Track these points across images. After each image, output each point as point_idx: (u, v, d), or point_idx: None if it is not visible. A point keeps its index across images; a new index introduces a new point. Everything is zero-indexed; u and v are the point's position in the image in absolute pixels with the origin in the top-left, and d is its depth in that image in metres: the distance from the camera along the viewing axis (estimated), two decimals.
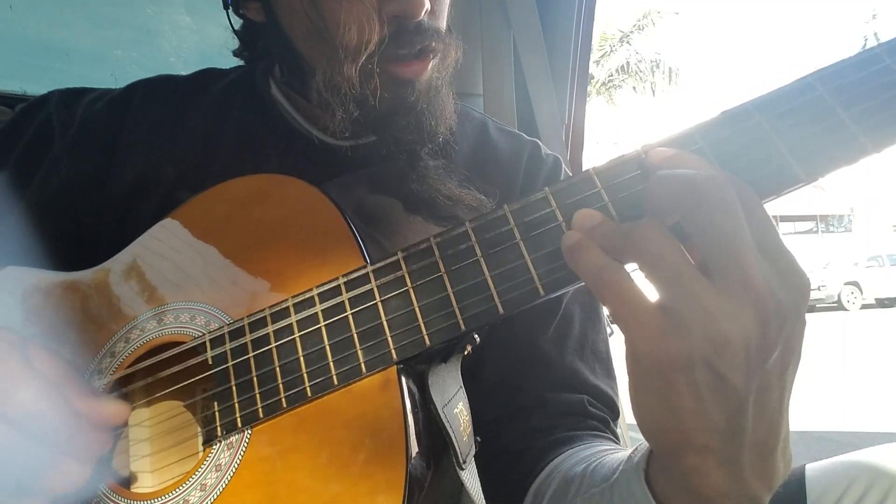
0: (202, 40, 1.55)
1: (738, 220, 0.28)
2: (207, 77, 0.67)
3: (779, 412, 0.30)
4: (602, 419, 0.58)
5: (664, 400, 0.29)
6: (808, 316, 0.30)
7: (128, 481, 0.43)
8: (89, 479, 0.37)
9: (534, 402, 0.57)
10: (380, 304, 0.38)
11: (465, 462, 0.41)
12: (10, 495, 0.35)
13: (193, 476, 0.39)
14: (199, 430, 0.43)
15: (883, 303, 13.05)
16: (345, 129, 0.54)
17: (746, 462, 0.30)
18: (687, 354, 0.28)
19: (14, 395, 0.34)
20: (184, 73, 0.68)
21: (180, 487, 0.39)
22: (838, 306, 12.98)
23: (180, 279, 0.45)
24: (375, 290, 0.38)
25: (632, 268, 0.32)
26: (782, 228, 24.15)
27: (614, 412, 0.60)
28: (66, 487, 0.36)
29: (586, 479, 0.45)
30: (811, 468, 0.49)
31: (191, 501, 0.38)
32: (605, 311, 0.58)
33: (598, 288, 0.31)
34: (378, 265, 0.39)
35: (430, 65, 0.53)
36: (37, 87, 1.33)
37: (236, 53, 0.70)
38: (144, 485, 0.43)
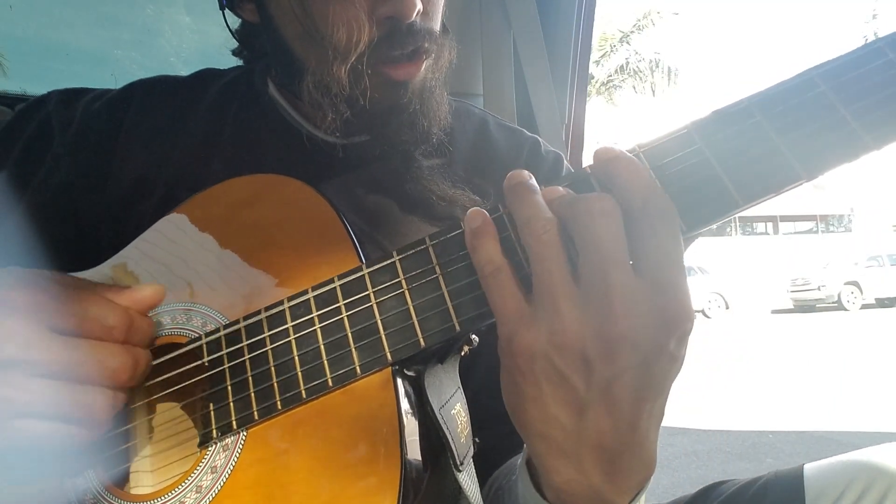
0: (202, 40, 1.55)
1: (615, 233, 0.30)
2: (206, 77, 0.67)
3: (631, 424, 0.31)
4: None
5: (513, 382, 0.33)
6: (808, 316, 0.30)
7: (125, 482, 0.43)
8: (147, 365, 0.39)
9: None
10: (375, 304, 0.38)
11: (462, 463, 0.41)
12: (97, 390, 0.36)
13: (189, 478, 0.39)
14: (196, 431, 0.43)
15: (883, 303, 13.05)
16: (336, 129, 0.54)
17: (588, 458, 0.32)
18: (530, 344, 0.31)
19: (65, 308, 0.36)
20: (184, 73, 0.68)
21: (176, 489, 0.39)
22: (838, 306, 12.98)
23: (177, 280, 0.45)
24: (371, 292, 0.38)
25: None
26: (782, 228, 24.17)
27: None
28: (139, 375, 0.38)
29: (514, 469, 0.48)
30: (809, 468, 0.49)
31: (187, 503, 0.38)
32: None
33: (482, 280, 0.34)
34: (373, 266, 0.39)
35: (424, 66, 0.53)
36: (37, 87, 1.33)
37: (235, 53, 0.70)
38: (142, 485, 0.43)
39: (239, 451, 0.39)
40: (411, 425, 0.38)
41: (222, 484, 0.38)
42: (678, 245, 0.30)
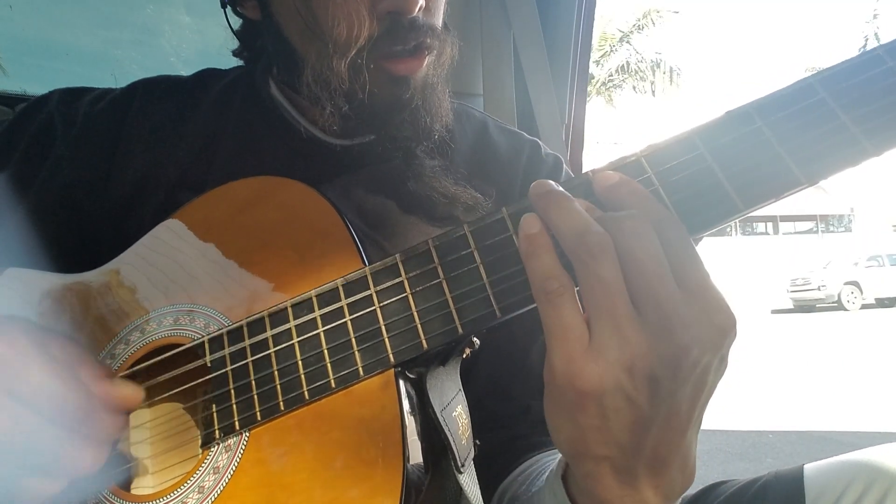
0: (202, 40, 1.55)
1: (652, 253, 0.29)
2: (207, 77, 0.67)
3: (682, 434, 0.31)
4: None
5: (572, 417, 0.31)
6: (808, 316, 0.30)
7: (128, 483, 0.43)
8: (107, 463, 0.37)
9: (518, 408, 0.58)
10: (378, 307, 0.38)
11: (463, 465, 0.41)
12: (27, 475, 0.35)
13: (192, 478, 0.39)
14: (198, 432, 0.44)
15: (883, 303, 13.05)
16: (334, 123, 0.54)
17: (643, 474, 0.31)
18: (600, 380, 0.29)
19: (28, 375, 0.35)
20: (184, 73, 0.68)
21: (178, 489, 0.39)
22: (838, 306, 12.98)
23: (180, 281, 0.45)
24: (374, 294, 0.38)
25: None
26: (782, 228, 24.17)
27: None
28: (84, 469, 0.36)
29: (532, 479, 0.47)
30: (809, 468, 0.49)
31: (189, 503, 0.38)
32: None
33: (539, 294, 0.31)
34: (377, 268, 0.39)
35: (426, 62, 0.53)
36: (37, 87, 1.33)
37: (236, 53, 0.70)
38: (144, 485, 0.43)
39: (241, 451, 0.39)
40: (413, 427, 0.38)
41: (225, 484, 0.38)
42: (699, 256, 0.30)
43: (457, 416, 0.42)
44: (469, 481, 0.42)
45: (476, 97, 1.27)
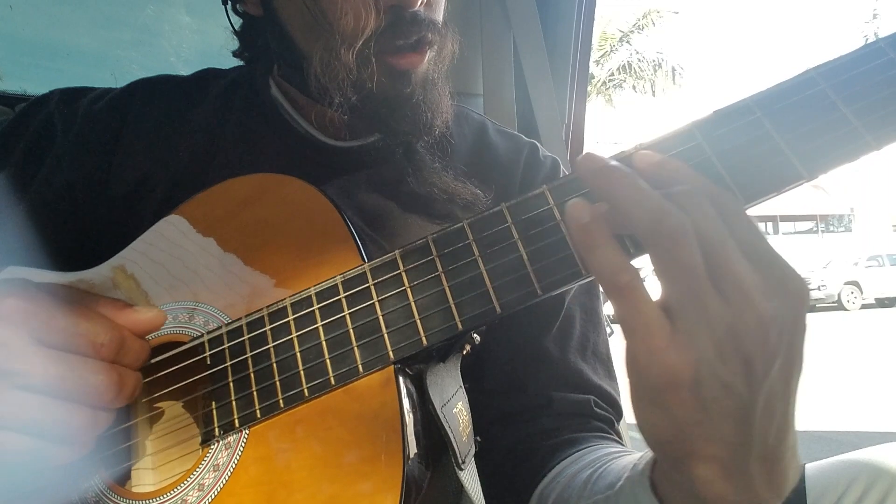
0: (202, 40, 1.55)
1: (723, 228, 0.28)
2: (207, 77, 0.67)
3: (786, 419, 0.29)
4: (607, 420, 0.58)
5: (669, 413, 0.29)
6: (808, 316, 0.30)
7: (128, 480, 0.43)
8: (135, 388, 0.39)
9: (539, 401, 0.57)
10: (377, 303, 0.38)
11: (464, 462, 0.41)
12: (80, 408, 0.35)
13: (191, 476, 0.39)
14: (198, 429, 0.44)
15: (883, 303, 13.05)
16: (331, 122, 0.54)
17: (755, 471, 0.29)
18: (692, 368, 0.27)
19: (54, 322, 0.35)
20: (184, 73, 0.68)
21: (178, 487, 0.39)
22: (838, 306, 12.97)
23: (180, 278, 0.45)
24: (372, 290, 0.38)
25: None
26: (782, 228, 24.17)
27: (618, 413, 0.60)
28: (127, 397, 0.37)
29: (591, 485, 0.45)
30: (811, 468, 0.49)
31: (189, 501, 0.38)
32: (608, 312, 0.57)
33: (611, 290, 0.29)
34: (375, 264, 0.39)
35: (427, 56, 0.54)
36: (37, 87, 1.33)
37: (236, 54, 0.70)
38: (144, 482, 0.43)
39: (241, 449, 0.39)
40: (413, 424, 0.38)
41: (224, 482, 0.38)
42: (759, 229, 0.29)
43: (457, 413, 0.42)
44: (470, 478, 0.42)
45: (476, 97, 1.27)
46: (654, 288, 0.29)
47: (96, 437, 0.37)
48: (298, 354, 0.39)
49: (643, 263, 0.33)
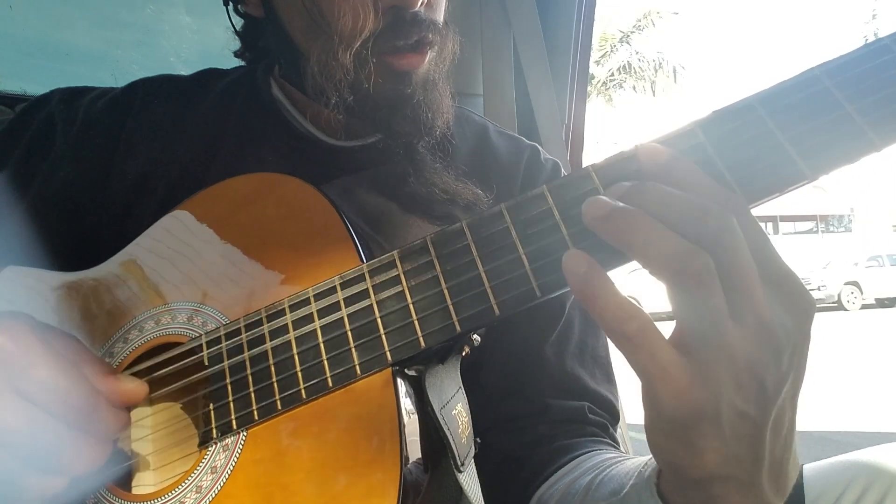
0: (203, 40, 1.55)
1: (744, 253, 0.27)
2: (208, 77, 0.67)
3: (791, 430, 0.30)
4: (601, 425, 0.58)
5: (689, 444, 0.28)
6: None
7: (126, 481, 0.43)
8: (108, 460, 0.37)
9: (536, 408, 0.57)
10: (375, 304, 0.38)
11: (463, 464, 0.40)
12: (30, 472, 0.34)
13: (189, 478, 0.39)
14: (196, 431, 0.44)
15: (883, 303, 13.04)
16: (332, 122, 0.54)
17: (766, 482, 0.30)
18: (714, 403, 0.27)
19: (32, 371, 0.34)
20: (184, 73, 0.68)
21: (176, 489, 0.39)
22: (838, 306, 12.97)
23: (178, 279, 0.45)
24: (371, 291, 0.38)
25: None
26: (782, 228, 24.17)
27: (614, 417, 0.60)
28: (87, 466, 0.36)
29: (592, 490, 0.45)
30: (809, 468, 0.49)
31: (186, 503, 0.38)
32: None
33: (619, 341, 0.28)
34: (374, 264, 0.39)
35: (427, 57, 0.54)
36: (37, 87, 1.33)
37: (237, 54, 0.70)
38: (143, 484, 0.43)
39: (239, 451, 0.39)
40: (412, 426, 0.38)
41: (222, 484, 0.38)
42: (767, 237, 0.29)
43: (456, 415, 0.42)
44: (469, 480, 0.42)
45: (476, 97, 1.27)
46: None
47: (42, 499, 0.35)
48: (296, 356, 0.39)
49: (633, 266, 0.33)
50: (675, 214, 0.28)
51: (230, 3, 0.62)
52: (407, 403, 0.38)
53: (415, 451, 0.40)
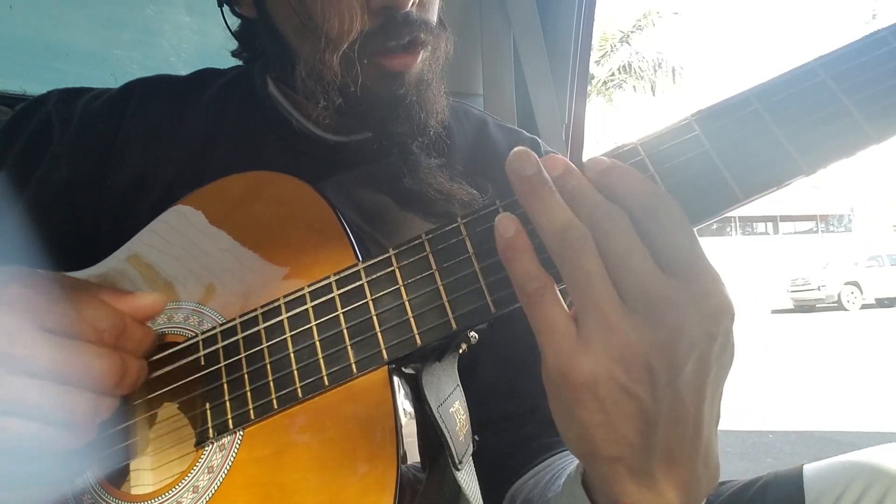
0: (202, 40, 1.55)
1: (629, 244, 0.29)
2: (205, 77, 0.67)
3: (696, 428, 0.30)
4: None
5: (572, 412, 0.30)
6: (808, 316, 0.30)
7: (124, 481, 0.42)
8: (142, 375, 0.39)
9: (526, 407, 0.58)
10: (370, 302, 0.38)
11: (460, 462, 0.40)
12: (81, 398, 0.35)
13: (186, 477, 0.39)
14: (193, 430, 0.44)
15: (883, 303, 13.04)
16: (328, 117, 0.54)
17: (660, 473, 0.30)
18: (591, 371, 0.29)
19: (58, 308, 0.35)
20: (184, 73, 0.68)
21: (173, 489, 0.39)
22: (838, 306, 12.97)
23: (174, 278, 0.45)
24: (366, 288, 0.38)
25: None
26: (782, 228, 24.16)
27: None
28: (131, 383, 0.38)
29: (549, 485, 0.47)
30: (809, 468, 0.49)
31: (183, 503, 0.38)
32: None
33: (522, 297, 0.32)
34: (369, 262, 0.39)
35: (420, 57, 0.53)
36: (37, 87, 1.33)
37: (235, 54, 0.70)
38: (140, 483, 0.42)
39: (235, 450, 0.39)
40: (408, 424, 0.38)
41: (219, 484, 0.38)
42: (693, 238, 0.29)
43: (454, 413, 0.42)
44: (467, 478, 0.42)
45: (476, 97, 1.27)
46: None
47: (99, 424, 0.37)
48: (292, 354, 0.39)
49: None
50: (579, 198, 0.31)
51: (224, 5, 0.62)
52: (405, 404, 0.38)
53: (411, 450, 0.40)
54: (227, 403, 0.40)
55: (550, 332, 0.30)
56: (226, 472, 0.38)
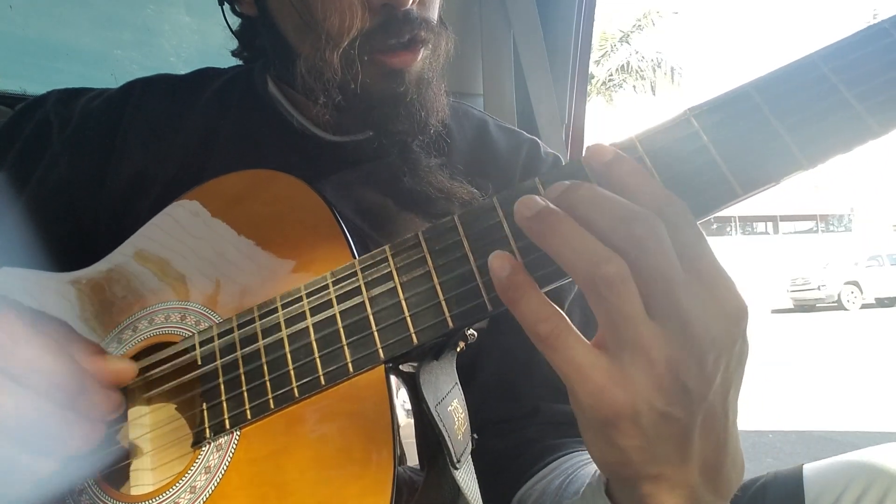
0: (202, 40, 1.55)
1: (668, 258, 0.27)
2: (205, 76, 0.67)
3: (724, 432, 0.30)
4: None
5: (612, 442, 0.29)
6: (808, 316, 0.30)
7: (121, 481, 0.42)
8: (102, 441, 0.37)
9: (527, 411, 0.58)
10: (367, 301, 0.38)
11: (459, 461, 0.40)
12: (22, 453, 0.34)
13: (183, 478, 0.39)
14: (191, 430, 0.43)
15: (883, 303, 13.04)
16: (328, 114, 0.54)
17: (699, 483, 0.30)
18: (631, 404, 0.27)
19: (20, 352, 0.34)
20: (184, 72, 0.68)
21: (171, 489, 0.39)
22: (838, 306, 12.97)
23: (171, 278, 0.45)
24: (363, 287, 0.38)
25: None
26: (782, 228, 24.16)
27: None
28: (78, 446, 0.36)
29: (562, 491, 0.46)
30: (809, 468, 0.49)
31: (180, 503, 0.38)
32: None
33: (536, 340, 0.29)
34: (366, 260, 0.38)
35: (420, 55, 0.53)
36: (37, 87, 1.33)
37: (235, 53, 0.70)
38: (138, 484, 0.42)
39: (232, 450, 0.39)
40: (406, 423, 0.38)
41: (216, 484, 0.38)
42: (705, 241, 0.29)
43: (452, 411, 0.42)
44: (466, 478, 0.41)
45: (476, 97, 1.27)
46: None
47: (34, 481, 0.35)
48: (288, 354, 0.39)
49: None
50: (603, 217, 0.29)
51: (224, 3, 0.62)
52: (403, 404, 0.38)
53: (409, 449, 0.39)
54: (224, 403, 0.39)
55: (581, 374, 0.28)
56: (223, 472, 0.38)
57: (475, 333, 0.42)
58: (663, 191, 0.30)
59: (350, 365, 0.37)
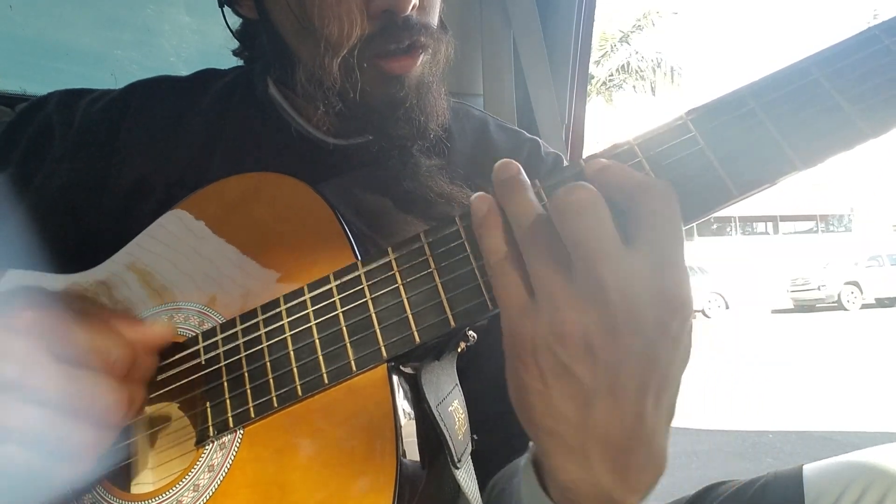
0: (202, 40, 1.55)
1: (598, 226, 0.29)
2: (206, 77, 0.67)
3: (638, 416, 0.30)
4: None
5: (517, 376, 0.32)
6: (808, 316, 0.30)
7: (125, 480, 0.43)
8: (142, 405, 0.40)
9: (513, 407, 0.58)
10: (370, 300, 0.38)
11: (459, 461, 0.41)
12: (84, 428, 0.35)
13: (186, 476, 0.39)
14: (193, 429, 0.44)
15: (883, 303, 13.04)
16: (328, 122, 0.54)
17: (595, 454, 0.31)
18: (531, 335, 0.31)
19: (72, 335, 0.36)
20: (184, 73, 0.68)
21: (174, 488, 0.39)
22: (838, 306, 12.97)
23: (175, 279, 0.45)
24: (365, 287, 0.38)
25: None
26: (782, 228, 24.15)
27: None
28: (133, 413, 0.38)
29: (514, 471, 0.47)
30: (809, 468, 0.49)
31: (184, 502, 0.38)
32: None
33: (488, 269, 0.34)
34: (368, 261, 0.39)
35: (420, 60, 0.53)
36: (37, 87, 1.33)
37: (236, 53, 0.70)
38: (141, 482, 0.43)
39: (236, 449, 0.39)
40: (408, 423, 0.38)
41: (219, 482, 0.38)
42: (677, 228, 0.30)
43: (453, 411, 0.42)
44: (466, 477, 0.42)
45: (476, 97, 1.27)
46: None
47: (98, 456, 0.37)
48: (292, 352, 0.39)
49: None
50: (559, 175, 0.34)
51: (225, 5, 0.62)
52: (405, 404, 0.38)
53: (411, 449, 0.40)
54: (228, 402, 0.40)
55: (506, 300, 0.32)
56: (226, 470, 0.38)
57: (475, 335, 0.42)
58: (644, 178, 0.32)
59: (353, 363, 0.37)
